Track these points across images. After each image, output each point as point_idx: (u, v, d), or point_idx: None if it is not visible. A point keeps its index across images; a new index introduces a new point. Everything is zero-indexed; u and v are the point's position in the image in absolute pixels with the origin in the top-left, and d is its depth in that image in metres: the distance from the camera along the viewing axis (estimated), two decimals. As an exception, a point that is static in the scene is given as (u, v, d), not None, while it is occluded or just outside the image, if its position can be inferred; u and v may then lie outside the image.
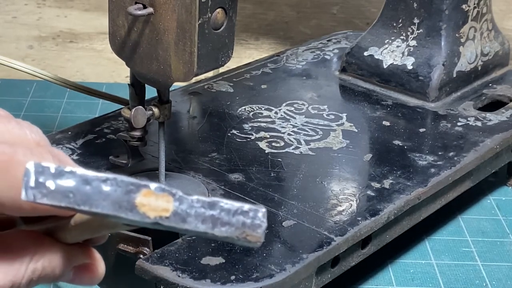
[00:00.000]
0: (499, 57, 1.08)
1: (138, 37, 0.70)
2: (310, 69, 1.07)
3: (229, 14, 0.70)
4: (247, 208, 0.37)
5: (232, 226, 0.37)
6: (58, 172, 0.36)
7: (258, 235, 0.37)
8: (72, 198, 0.36)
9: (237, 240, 0.37)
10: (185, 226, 0.36)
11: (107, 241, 0.72)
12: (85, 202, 0.36)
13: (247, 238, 0.37)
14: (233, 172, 0.82)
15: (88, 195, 0.36)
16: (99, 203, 0.36)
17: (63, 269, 0.40)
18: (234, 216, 0.37)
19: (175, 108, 0.91)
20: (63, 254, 0.40)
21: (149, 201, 0.36)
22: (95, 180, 0.36)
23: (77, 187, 0.36)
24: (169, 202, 0.36)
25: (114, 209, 0.36)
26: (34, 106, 1.18)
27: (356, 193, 0.80)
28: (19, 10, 1.46)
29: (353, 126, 0.93)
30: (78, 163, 0.81)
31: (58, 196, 0.36)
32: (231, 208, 0.37)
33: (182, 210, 0.36)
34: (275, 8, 1.51)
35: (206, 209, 0.36)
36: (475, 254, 0.91)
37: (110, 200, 0.36)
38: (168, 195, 0.36)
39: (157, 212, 0.36)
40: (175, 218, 0.36)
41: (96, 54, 1.34)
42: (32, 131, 0.41)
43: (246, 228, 0.37)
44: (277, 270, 0.68)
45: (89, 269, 0.42)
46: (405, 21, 1.02)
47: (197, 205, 0.36)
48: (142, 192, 0.36)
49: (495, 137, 0.92)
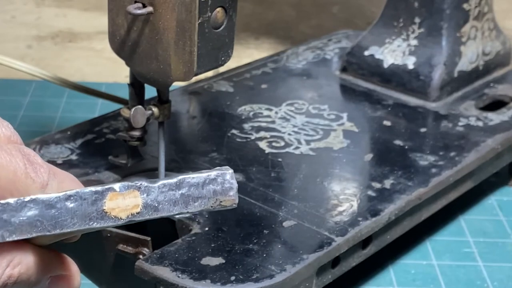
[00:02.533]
0: (500, 56, 1.08)
1: (138, 36, 0.70)
2: (311, 68, 1.07)
3: (229, 13, 0.70)
4: (214, 175, 0.37)
5: (204, 198, 0.37)
6: (19, 205, 0.36)
7: (232, 197, 0.37)
8: (41, 226, 0.36)
9: (213, 209, 0.37)
10: (159, 214, 0.36)
11: (107, 242, 0.72)
12: (55, 225, 0.36)
13: (222, 204, 0.37)
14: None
15: (55, 218, 0.36)
16: (68, 222, 0.36)
17: (39, 278, 0.40)
18: (204, 187, 0.37)
19: (175, 108, 0.90)
20: (41, 263, 0.40)
21: (117, 203, 0.36)
22: (58, 201, 0.36)
23: (42, 214, 0.36)
24: (137, 197, 0.36)
25: (85, 222, 0.36)
26: (33, 106, 1.17)
27: (357, 193, 0.80)
28: (18, 9, 1.46)
29: (353, 126, 0.93)
30: (78, 163, 0.81)
31: (26, 228, 0.36)
32: (198, 181, 0.37)
33: (152, 200, 0.36)
34: (275, 8, 1.51)
35: (175, 190, 0.36)
36: (476, 255, 0.90)
37: (78, 215, 0.36)
38: (134, 190, 0.36)
39: (127, 211, 0.36)
40: (146, 210, 0.36)
41: (96, 53, 1.34)
42: (3, 125, 0.41)
43: (218, 195, 0.37)
44: (277, 271, 0.68)
45: (65, 281, 0.42)
46: (406, 21, 1.02)
47: (165, 190, 0.36)
48: (108, 197, 0.36)
49: (496, 137, 0.92)
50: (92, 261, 0.76)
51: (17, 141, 0.41)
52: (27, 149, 0.40)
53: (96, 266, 0.76)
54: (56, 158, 0.82)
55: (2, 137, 0.40)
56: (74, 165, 0.81)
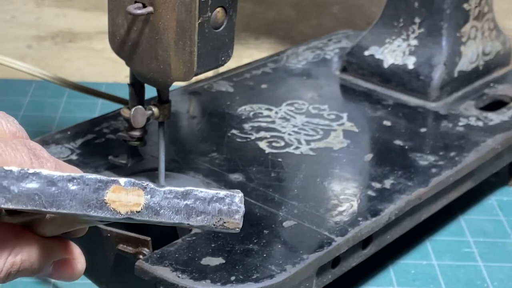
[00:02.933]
0: (500, 56, 1.08)
1: (138, 36, 0.70)
2: (311, 68, 1.07)
3: (229, 13, 0.70)
4: (223, 194, 0.37)
5: (208, 214, 0.36)
6: (22, 175, 0.35)
7: (236, 221, 0.37)
8: (38, 200, 0.35)
9: (215, 228, 0.37)
10: (159, 218, 0.36)
11: (107, 242, 0.72)
12: (52, 203, 0.35)
13: (225, 225, 0.37)
14: (233, 172, 0.82)
15: (54, 196, 0.35)
16: (67, 204, 0.36)
17: (42, 264, 0.40)
18: (210, 204, 0.36)
19: (175, 108, 0.90)
20: (42, 249, 0.40)
21: (119, 196, 0.36)
22: (61, 180, 0.36)
23: (42, 189, 0.35)
24: (140, 196, 0.36)
25: (83, 208, 0.36)
26: (33, 106, 1.17)
27: (357, 193, 0.80)
28: (18, 9, 1.46)
29: (353, 126, 0.93)
30: (78, 163, 0.81)
31: (24, 199, 0.35)
32: (206, 196, 0.36)
33: (155, 203, 0.36)
34: (276, 8, 1.51)
35: (180, 199, 0.36)
36: (476, 255, 0.90)
37: (77, 199, 0.36)
38: (139, 189, 0.36)
39: (128, 207, 0.36)
40: (147, 211, 0.36)
41: (96, 53, 1.34)
42: (8, 121, 0.41)
43: (223, 215, 0.36)
44: (278, 271, 0.68)
45: (68, 265, 0.42)
46: (406, 21, 1.02)
47: (170, 196, 0.36)
48: (111, 188, 0.36)
49: (496, 137, 0.92)
50: (92, 261, 0.76)
51: (23, 136, 0.41)
52: (33, 143, 0.40)
53: (96, 266, 0.76)
54: (56, 158, 0.82)
55: (7, 132, 0.40)
56: (74, 165, 0.80)
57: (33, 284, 0.82)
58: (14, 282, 0.83)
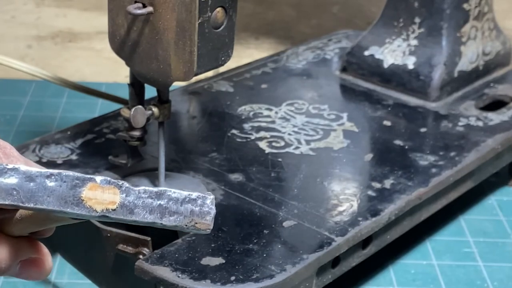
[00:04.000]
0: (500, 56, 1.08)
1: (138, 36, 0.70)
2: (311, 68, 1.07)
3: (229, 13, 0.70)
4: (195, 195, 0.38)
5: (181, 215, 0.37)
6: (0, 170, 0.36)
7: (207, 222, 0.38)
8: (16, 195, 0.36)
9: (187, 228, 0.38)
10: (133, 217, 0.37)
11: (107, 242, 0.72)
12: (30, 199, 0.36)
13: (196, 226, 0.38)
14: (233, 172, 0.82)
15: (32, 192, 0.36)
16: (44, 199, 0.36)
17: (9, 263, 0.40)
18: (182, 204, 0.37)
19: (175, 108, 0.90)
20: (9, 248, 0.40)
21: (95, 194, 0.36)
22: (39, 176, 0.36)
23: (21, 184, 0.36)
24: (116, 195, 0.37)
25: (60, 204, 0.36)
26: (33, 106, 1.17)
27: (357, 193, 0.80)
28: (18, 9, 1.46)
29: (353, 126, 0.93)
30: (78, 163, 0.81)
31: (2, 194, 0.36)
32: (179, 197, 0.37)
33: (129, 202, 0.37)
34: (275, 8, 1.51)
35: (154, 199, 0.37)
36: (476, 255, 0.90)
37: (55, 195, 0.36)
38: (115, 187, 0.37)
39: (104, 205, 0.36)
40: (122, 210, 0.37)
41: (96, 53, 1.34)
42: None
43: (195, 216, 0.37)
44: (278, 271, 0.68)
45: (36, 264, 0.42)
46: (406, 21, 1.02)
47: (144, 196, 0.37)
48: (88, 186, 0.36)
49: (496, 137, 0.92)
50: (92, 261, 0.76)
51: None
52: (3, 142, 0.40)
53: (96, 266, 0.76)
54: (56, 158, 0.82)
55: None
56: (74, 165, 0.81)
57: (33, 284, 0.82)
58: (14, 282, 0.83)
